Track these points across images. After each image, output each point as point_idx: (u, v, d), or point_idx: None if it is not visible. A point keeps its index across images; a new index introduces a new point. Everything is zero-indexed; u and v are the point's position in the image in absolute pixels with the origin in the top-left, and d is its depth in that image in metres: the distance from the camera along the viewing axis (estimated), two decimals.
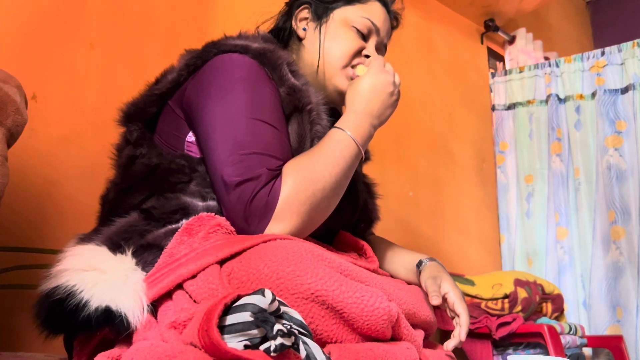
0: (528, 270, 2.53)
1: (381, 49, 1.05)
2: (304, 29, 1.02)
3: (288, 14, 1.06)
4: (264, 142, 0.80)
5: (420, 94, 2.53)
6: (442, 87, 2.66)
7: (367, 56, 1.00)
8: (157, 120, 0.91)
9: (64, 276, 0.68)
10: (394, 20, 1.08)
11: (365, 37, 1.00)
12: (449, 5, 2.78)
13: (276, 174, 0.78)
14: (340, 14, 1.00)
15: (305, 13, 1.03)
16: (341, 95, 1.00)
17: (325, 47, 0.99)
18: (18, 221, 1.21)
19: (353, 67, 0.99)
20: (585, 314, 2.42)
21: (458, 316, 0.92)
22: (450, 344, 0.89)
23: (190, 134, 0.87)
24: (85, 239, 0.80)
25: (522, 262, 2.63)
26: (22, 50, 1.29)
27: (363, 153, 0.89)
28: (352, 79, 0.98)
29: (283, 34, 1.05)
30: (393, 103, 0.93)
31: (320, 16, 1.01)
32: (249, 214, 0.76)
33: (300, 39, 1.03)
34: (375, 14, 1.01)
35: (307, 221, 0.78)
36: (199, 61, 0.89)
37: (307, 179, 0.79)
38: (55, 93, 1.33)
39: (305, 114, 0.88)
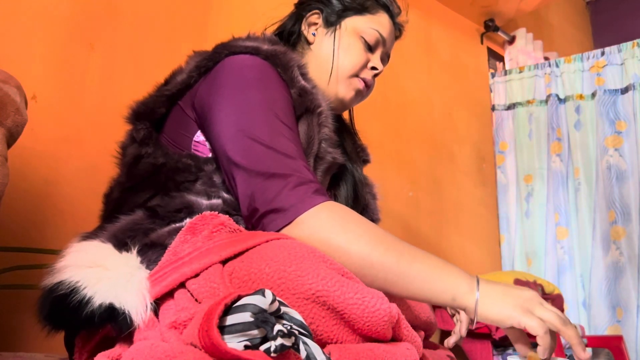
0: (527, 271, 2.53)
1: (385, 59, 1.08)
2: (314, 34, 1.04)
3: (297, 17, 1.07)
4: (280, 141, 0.80)
5: (420, 94, 2.53)
6: (442, 87, 2.66)
7: (374, 68, 1.03)
8: (164, 120, 0.92)
9: (68, 272, 0.68)
10: (398, 31, 1.11)
11: (372, 48, 1.03)
12: (449, 5, 2.78)
13: (307, 180, 0.76)
14: (350, 23, 1.02)
15: (315, 18, 1.05)
16: (342, 103, 1.04)
17: (337, 55, 1.01)
18: (18, 221, 1.21)
19: (358, 77, 1.02)
20: (585, 314, 2.42)
21: (458, 312, 0.92)
22: (451, 340, 0.90)
23: (199, 133, 0.87)
24: (90, 236, 0.80)
25: (522, 262, 2.64)
26: (22, 50, 1.29)
27: (458, 306, 0.73)
28: (357, 88, 1.02)
29: (290, 37, 1.06)
30: (506, 311, 0.72)
31: (331, 23, 1.03)
32: (268, 210, 0.75)
33: (309, 43, 1.04)
34: (383, 25, 1.04)
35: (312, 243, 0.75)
36: (210, 63, 0.89)
37: (347, 235, 0.72)
38: (55, 93, 1.33)
39: (315, 116, 0.88)
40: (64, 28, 1.37)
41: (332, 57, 1.00)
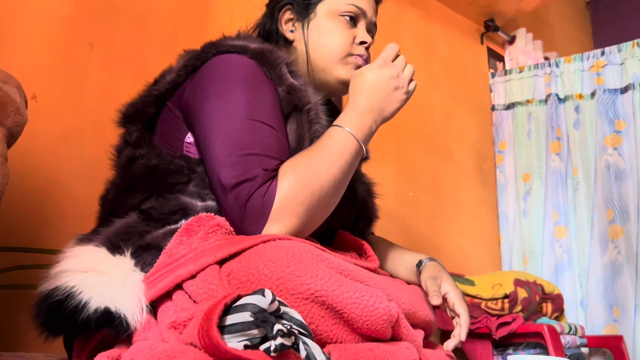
0: (524, 269, 2.53)
1: (371, 29, 1.05)
2: (292, 31, 1.02)
3: (271, 17, 1.05)
4: (261, 142, 0.80)
5: (420, 94, 2.52)
6: (442, 87, 2.66)
7: (362, 42, 1.00)
8: (156, 121, 0.91)
9: (63, 277, 0.68)
10: None
11: (354, 23, 1.00)
12: (449, 5, 2.78)
13: (273, 175, 0.78)
14: (324, 7, 1.00)
15: (289, 14, 1.03)
16: (346, 86, 0.98)
17: (321, 43, 0.99)
18: (18, 221, 1.21)
19: (352, 55, 0.99)
20: (582, 313, 2.42)
21: (458, 316, 0.92)
22: (450, 344, 0.89)
23: (189, 134, 0.87)
24: (85, 239, 0.80)
25: (520, 261, 2.63)
26: (22, 50, 1.29)
27: (365, 150, 0.87)
28: (356, 64, 0.99)
29: (271, 37, 1.04)
30: (398, 98, 0.91)
31: (305, 14, 1.00)
32: (245, 215, 0.75)
33: (290, 42, 1.02)
34: None
35: (305, 221, 0.78)
36: (197, 62, 0.89)
37: (304, 178, 0.77)
38: (55, 93, 1.33)
39: (304, 114, 0.88)
40: (64, 28, 1.37)
41: (318, 46, 0.98)
